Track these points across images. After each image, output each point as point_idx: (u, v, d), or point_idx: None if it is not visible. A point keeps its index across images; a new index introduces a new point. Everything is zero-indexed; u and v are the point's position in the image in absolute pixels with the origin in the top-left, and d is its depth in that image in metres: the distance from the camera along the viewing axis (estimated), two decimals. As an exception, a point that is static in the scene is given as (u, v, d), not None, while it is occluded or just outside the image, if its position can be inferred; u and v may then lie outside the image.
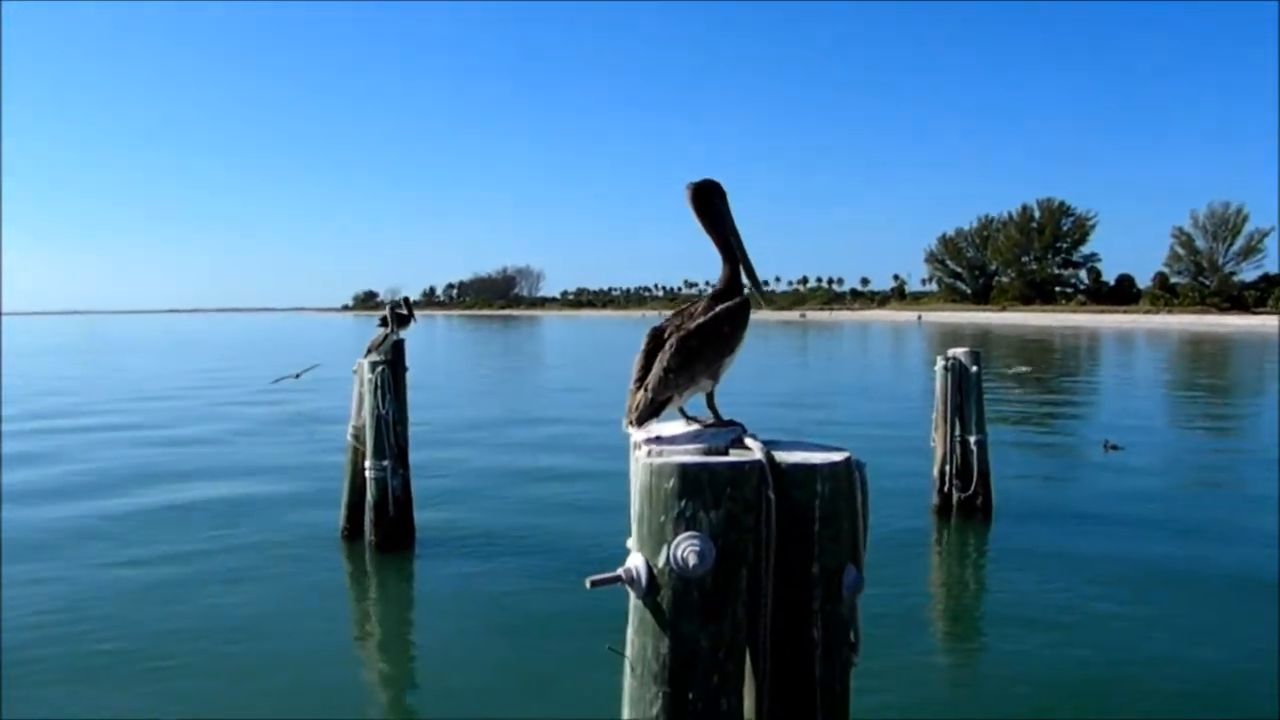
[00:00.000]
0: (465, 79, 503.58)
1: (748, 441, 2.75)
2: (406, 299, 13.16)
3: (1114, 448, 18.64)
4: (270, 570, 10.94)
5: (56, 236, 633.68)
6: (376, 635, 9.60)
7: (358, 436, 11.84)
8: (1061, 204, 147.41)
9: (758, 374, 35.77)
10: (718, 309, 3.06)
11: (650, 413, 2.95)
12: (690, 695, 2.58)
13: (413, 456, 11.85)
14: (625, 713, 2.74)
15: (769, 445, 2.72)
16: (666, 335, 3.06)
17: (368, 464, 11.45)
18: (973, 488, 12.70)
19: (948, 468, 12.83)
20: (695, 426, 2.97)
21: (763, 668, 2.62)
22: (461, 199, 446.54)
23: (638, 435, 2.89)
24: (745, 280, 3.15)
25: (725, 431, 2.87)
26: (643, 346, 3.09)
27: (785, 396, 29.19)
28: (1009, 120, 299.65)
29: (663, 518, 2.55)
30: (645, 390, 2.97)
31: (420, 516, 12.00)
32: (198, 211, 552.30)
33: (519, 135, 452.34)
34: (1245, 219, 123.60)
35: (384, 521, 11.50)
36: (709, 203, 3.11)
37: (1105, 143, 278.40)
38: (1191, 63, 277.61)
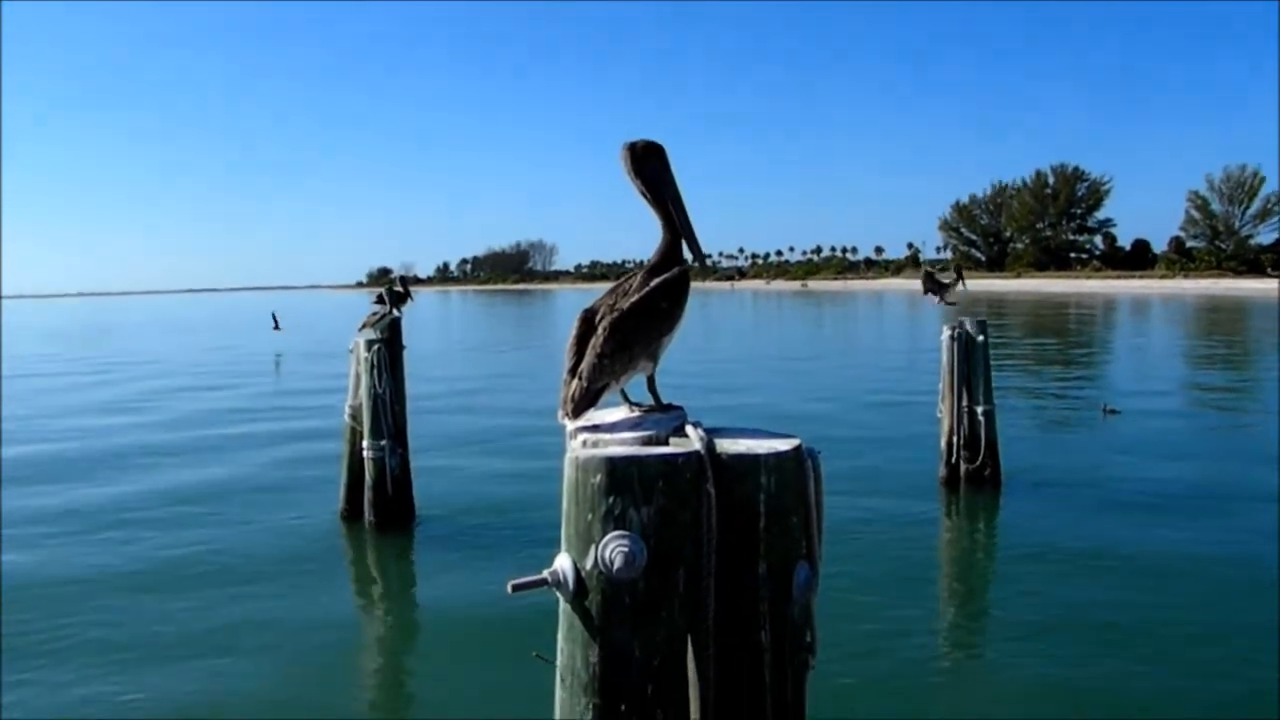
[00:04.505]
0: (471, 54, 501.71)
1: (688, 430, 2.50)
2: (404, 277, 13.05)
3: (1112, 411, 18.81)
4: (268, 553, 10.77)
5: (65, 218, 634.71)
6: (375, 617, 9.47)
7: (355, 416, 11.67)
8: (1076, 169, 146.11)
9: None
10: (653, 283, 2.78)
11: (586, 403, 2.71)
12: (623, 707, 2.37)
13: (412, 434, 11.70)
14: None
15: (712, 433, 2.47)
16: (599, 318, 2.79)
17: (365, 444, 11.32)
18: (980, 458, 12.50)
19: (955, 439, 12.64)
20: (637, 413, 2.74)
21: (708, 676, 2.40)
22: (474, 175, 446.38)
23: (573, 424, 2.66)
24: (686, 250, 2.86)
25: (668, 418, 2.63)
26: (573, 331, 2.83)
27: (783, 362, 28.87)
28: (1023, 84, 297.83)
29: (590, 516, 2.33)
30: (579, 379, 2.72)
31: (420, 495, 11.84)
32: (210, 190, 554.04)
33: (529, 108, 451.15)
34: (1262, 181, 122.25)
35: (383, 501, 11.38)
36: (645, 164, 2.82)
37: (1121, 106, 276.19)
38: (1205, 23, 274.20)
